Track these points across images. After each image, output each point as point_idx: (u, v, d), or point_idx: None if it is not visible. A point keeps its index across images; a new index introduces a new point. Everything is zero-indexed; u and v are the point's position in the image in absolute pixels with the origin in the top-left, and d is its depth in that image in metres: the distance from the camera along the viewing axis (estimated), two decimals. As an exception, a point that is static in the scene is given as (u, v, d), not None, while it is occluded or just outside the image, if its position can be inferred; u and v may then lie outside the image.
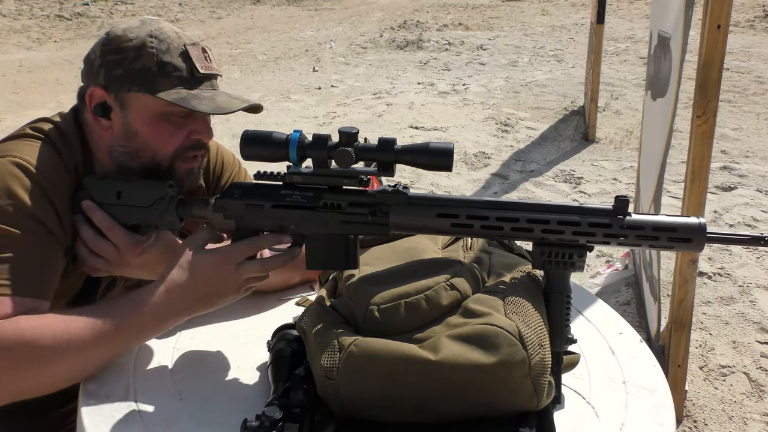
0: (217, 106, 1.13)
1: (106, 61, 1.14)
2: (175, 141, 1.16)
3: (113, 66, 1.13)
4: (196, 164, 1.22)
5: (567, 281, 1.00)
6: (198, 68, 1.15)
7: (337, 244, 1.04)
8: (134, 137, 1.15)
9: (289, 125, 5.49)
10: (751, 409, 2.33)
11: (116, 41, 1.14)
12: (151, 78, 1.12)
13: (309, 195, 1.04)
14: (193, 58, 1.15)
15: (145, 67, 1.12)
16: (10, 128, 5.21)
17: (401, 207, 1.01)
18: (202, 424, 0.97)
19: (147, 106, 1.13)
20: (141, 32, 1.14)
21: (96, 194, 1.14)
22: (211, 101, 1.13)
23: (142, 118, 1.14)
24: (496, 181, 4.40)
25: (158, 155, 1.16)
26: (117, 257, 1.14)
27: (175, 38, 1.15)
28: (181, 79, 1.13)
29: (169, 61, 1.13)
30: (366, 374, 0.90)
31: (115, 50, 1.13)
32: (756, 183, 4.23)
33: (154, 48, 1.12)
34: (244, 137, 1.02)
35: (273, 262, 1.07)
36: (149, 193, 1.13)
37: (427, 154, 0.97)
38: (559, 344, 0.98)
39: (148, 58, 1.12)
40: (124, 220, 1.13)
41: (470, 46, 8.67)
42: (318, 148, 1.00)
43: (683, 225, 0.95)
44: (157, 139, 1.15)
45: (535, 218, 0.98)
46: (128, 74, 1.12)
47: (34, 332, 0.98)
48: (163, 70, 1.12)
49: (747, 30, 8.92)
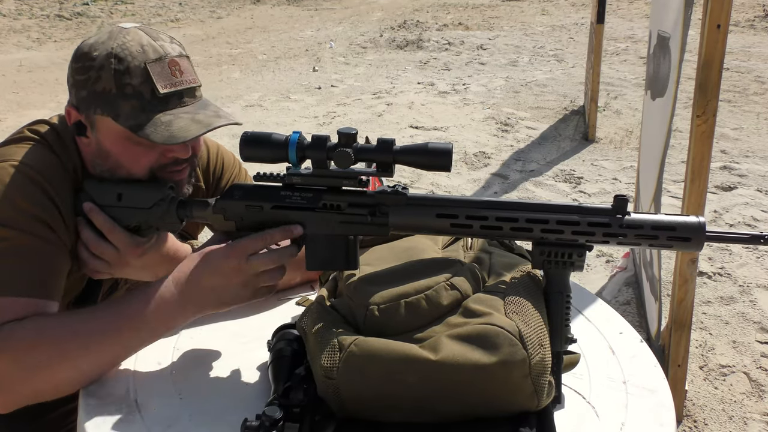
0: (171, 135, 1.08)
1: (75, 80, 1.12)
2: (146, 161, 1.13)
3: (80, 87, 1.12)
4: (183, 176, 1.19)
5: (567, 281, 1.01)
6: (158, 88, 1.09)
7: (336, 245, 1.04)
8: (108, 157, 1.14)
9: (289, 125, 5.49)
10: (751, 409, 2.33)
11: (82, 59, 1.11)
12: (111, 100, 1.09)
13: (308, 196, 1.04)
14: (153, 78, 1.09)
15: (105, 90, 1.09)
16: (11, 128, 5.22)
17: (400, 207, 1.02)
18: (202, 423, 0.97)
19: (112, 129, 1.11)
20: (104, 49, 1.10)
21: (97, 196, 1.14)
22: (167, 129, 1.08)
23: (110, 139, 1.12)
24: (496, 180, 4.40)
25: (133, 173, 1.14)
26: (118, 259, 1.14)
27: (137, 54, 1.09)
28: (140, 101, 1.09)
29: (128, 82, 1.09)
30: (366, 374, 0.90)
31: (81, 70, 1.11)
32: (756, 183, 4.23)
33: (113, 69, 1.08)
34: (244, 138, 1.02)
35: (283, 252, 1.05)
36: (150, 194, 1.13)
37: (425, 154, 0.97)
38: (559, 344, 0.98)
39: (107, 80, 1.09)
40: (125, 221, 1.13)
41: (470, 46, 8.67)
42: (317, 149, 1.00)
43: (682, 224, 0.95)
44: (128, 160, 1.13)
45: (534, 218, 0.98)
46: (91, 96, 1.10)
47: (54, 331, 0.99)
48: (122, 93, 1.09)
49: (747, 30, 8.92)
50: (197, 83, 1.17)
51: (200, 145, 1.21)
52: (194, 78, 1.17)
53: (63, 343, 0.99)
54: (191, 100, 1.15)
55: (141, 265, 1.16)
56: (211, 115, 1.14)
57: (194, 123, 1.11)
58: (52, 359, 0.98)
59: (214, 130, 1.13)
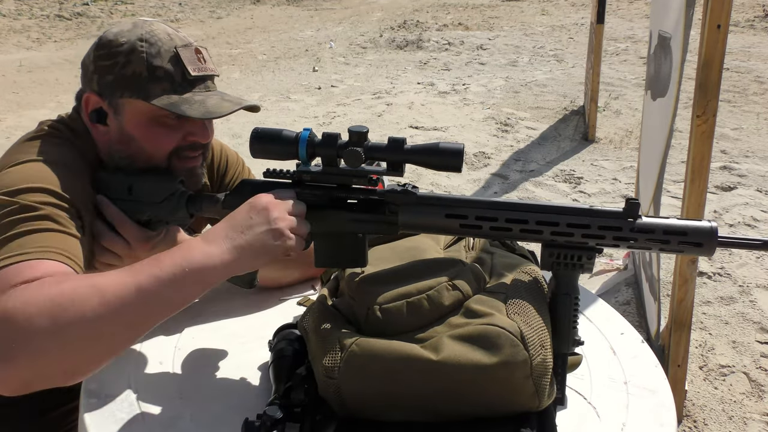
0: (207, 111, 1.12)
1: (98, 66, 1.14)
2: (169, 144, 1.16)
3: (105, 72, 1.13)
4: (197, 164, 1.21)
5: (575, 283, 1.00)
6: (189, 71, 1.14)
7: (346, 243, 1.04)
8: (130, 142, 1.15)
9: (289, 125, 5.49)
10: (750, 409, 2.34)
11: (108, 46, 1.13)
12: (142, 84, 1.11)
13: (318, 193, 1.04)
14: (184, 61, 1.14)
15: (135, 73, 1.11)
16: (10, 128, 5.22)
17: (410, 206, 1.01)
18: (202, 423, 0.97)
19: (140, 111, 1.13)
20: (132, 36, 1.13)
21: (108, 188, 1.14)
22: (202, 105, 1.12)
23: (136, 122, 1.14)
24: (496, 181, 4.40)
25: (154, 158, 1.16)
26: (128, 252, 1.14)
27: (166, 41, 1.14)
28: (172, 83, 1.13)
29: (160, 65, 1.12)
30: (367, 374, 0.90)
31: (107, 56, 1.13)
32: (756, 183, 4.23)
33: (145, 53, 1.12)
34: (254, 134, 1.02)
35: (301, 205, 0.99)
36: (160, 189, 1.13)
37: (437, 154, 0.97)
38: (566, 346, 0.98)
39: (138, 64, 1.11)
40: (136, 215, 1.14)
41: (470, 46, 8.67)
42: (327, 146, 1.00)
43: (694, 229, 0.94)
44: (152, 143, 1.15)
45: (544, 220, 0.97)
46: (120, 80, 1.12)
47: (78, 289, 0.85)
48: (153, 75, 1.11)
49: (747, 30, 8.92)
50: (216, 72, 1.21)
51: (212, 133, 1.23)
52: (214, 68, 1.21)
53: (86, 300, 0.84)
54: (213, 87, 1.20)
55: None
56: (236, 97, 1.19)
57: (225, 101, 1.15)
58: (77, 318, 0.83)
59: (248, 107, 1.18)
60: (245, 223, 0.94)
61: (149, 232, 1.14)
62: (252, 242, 0.93)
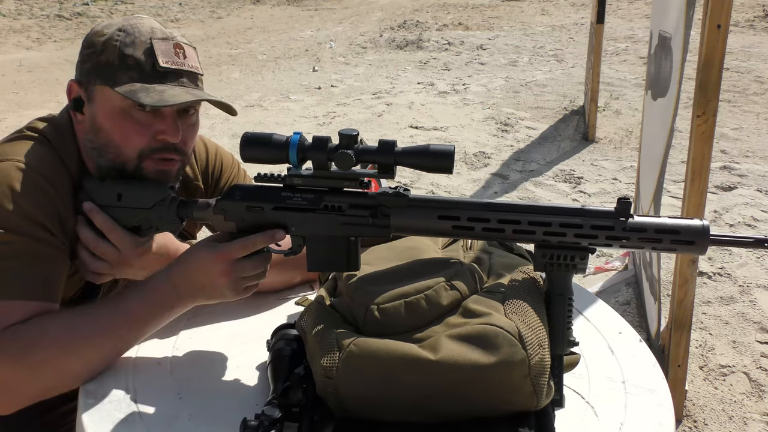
0: (161, 99, 1.08)
1: (82, 56, 1.15)
2: (138, 140, 1.13)
3: (85, 60, 1.14)
4: (170, 167, 1.17)
5: (569, 283, 1.00)
6: (159, 62, 1.11)
7: (338, 246, 1.04)
8: (99, 132, 1.14)
9: (289, 125, 5.49)
10: (751, 409, 2.33)
11: (92, 36, 1.15)
12: (112, 71, 1.11)
13: (310, 197, 1.04)
14: (156, 52, 1.12)
15: (108, 61, 1.11)
16: (11, 128, 5.21)
17: (402, 209, 1.01)
18: (201, 423, 0.97)
19: (108, 100, 1.12)
20: (114, 26, 1.14)
21: (96, 196, 1.13)
22: (158, 94, 1.09)
23: (104, 112, 1.13)
24: (496, 180, 4.40)
25: (122, 153, 1.13)
26: (118, 259, 1.14)
27: (146, 32, 1.13)
28: (140, 73, 1.11)
29: (131, 54, 1.11)
30: (365, 374, 0.90)
31: (89, 44, 1.15)
32: (756, 183, 4.23)
33: (119, 41, 1.11)
34: (245, 139, 1.02)
35: (265, 258, 1.09)
36: (150, 194, 1.12)
37: (427, 156, 0.97)
38: (561, 347, 0.98)
39: (111, 52, 1.11)
40: (125, 221, 1.13)
41: (470, 46, 8.67)
42: (318, 150, 0.99)
43: (686, 227, 0.94)
44: (120, 136, 1.13)
45: (536, 220, 0.97)
46: (94, 67, 1.13)
47: (55, 329, 1.01)
48: (123, 63, 1.11)
49: (747, 30, 8.92)
50: (199, 71, 1.19)
51: (193, 140, 1.21)
52: (197, 66, 1.18)
53: (64, 339, 1.01)
54: (191, 85, 1.16)
55: (141, 265, 1.16)
56: (205, 93, 1.16)
57: (187, 93, 1.13)
58: (54, 355, 1.00)
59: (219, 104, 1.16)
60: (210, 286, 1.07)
61: (139, 238, 1.14)
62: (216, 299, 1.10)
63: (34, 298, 1.03)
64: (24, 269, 1.03)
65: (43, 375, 1.00)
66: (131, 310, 1.06)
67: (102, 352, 1.04)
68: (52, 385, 1.02)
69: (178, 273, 1.08)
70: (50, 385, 1.02)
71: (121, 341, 1.06)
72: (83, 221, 1.13)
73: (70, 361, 1.01)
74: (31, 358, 0.98)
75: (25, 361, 0.98)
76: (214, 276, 1.06)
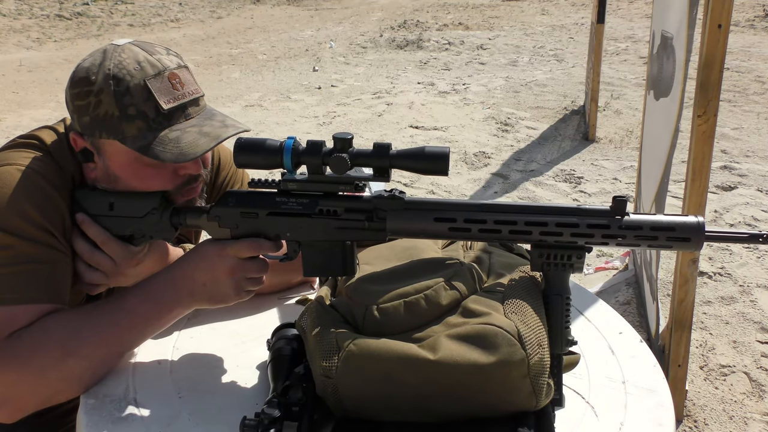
0: (181, 152, 1.06)
1: (75, 106, 1.11)
2: (160, 182, 1.12)
3: (82, 113, 1.10)
4: (195, 194, 1.18)
5: (566, 283, 1.00)
6: (162, 105, 1.08)
7: (333, 251, 1.04)
8: (117, 180, 1.13)
9: (289, 125, 5.49)
10: (751, 409, 2.33)
11: (80, 84, 1.09)
12: (115, 124, 1.07)
13: (304, 202, 1.03)
14: (155, 95, 1.07)
15: (108, 114, 1.07)
16: (10, 128, 5.22)
17: (398, 212, 1.01)
18: (201, 422, 0.97)
19: (120, 153, 1.10)
20: (101, 72, 1.08)
21: (88, 206, 1.13)
22: (176, 146, 1.07)
23: (119, 163, 1.11)
24: (496, 180, 4.40)
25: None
26: (114, 269, 1.14)
27: (136, 73, 1.07)
28: (146, 121, 1.07)
29: (130, 103, 1.07)
30: (365, 373, 0.90)
31: (80, 95, 1.09)
32: (756, 182, 4.23)
33: (113, 91, 1.06)
34: (237, 145, 1.01)
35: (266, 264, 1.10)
36: (142, 203, 1.11)
37: (422, 158, 0.96)
38: (560, 346, 0.98)
39: (108, 104, 1.07)
40: (118, 231, 1.13)
41: (470, 46, 8.67)
42: (312, 154, 0.98)
43: (681, 224, 0.94)
44: (139, 182, 1.12)
45: (533, 221, 0.97)
46: (95, 121, 1.08)
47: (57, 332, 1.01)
48: (125, 114, 1.07)
49: (747, 30, 8.92)
50: (199, 93, 1.16)
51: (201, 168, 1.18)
52: (196, 88, 1.15)
53: (66, 341, 1.00)
54: (195, 111, 1.13)
55: (136, 273, 1.16)
56: (218, 125, 1.12)
57: (203, 136, 1.09)
58: (57, 359, 1.00)
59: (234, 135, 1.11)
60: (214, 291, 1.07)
61: (133, 248, 1.14)
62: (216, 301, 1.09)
63: (39, 301, 1.03)
64: (28, 273, 1.03)
65: (46, 380, 0.99)
66: (130, 308, 1.06)
67: (103, 352, 1.04)
68: (56, 389, 1.02)
69: (179, 270, 1.07)
70: (55, 389, 1.01)
71: (122, 341, 1.06)
72: (77, 232, 1.12)
73: (72, 365, 1.01)
74: (34, 363, 0.99)
75: (28, 365, 0.98)
76: (219, 273, 1.05)
